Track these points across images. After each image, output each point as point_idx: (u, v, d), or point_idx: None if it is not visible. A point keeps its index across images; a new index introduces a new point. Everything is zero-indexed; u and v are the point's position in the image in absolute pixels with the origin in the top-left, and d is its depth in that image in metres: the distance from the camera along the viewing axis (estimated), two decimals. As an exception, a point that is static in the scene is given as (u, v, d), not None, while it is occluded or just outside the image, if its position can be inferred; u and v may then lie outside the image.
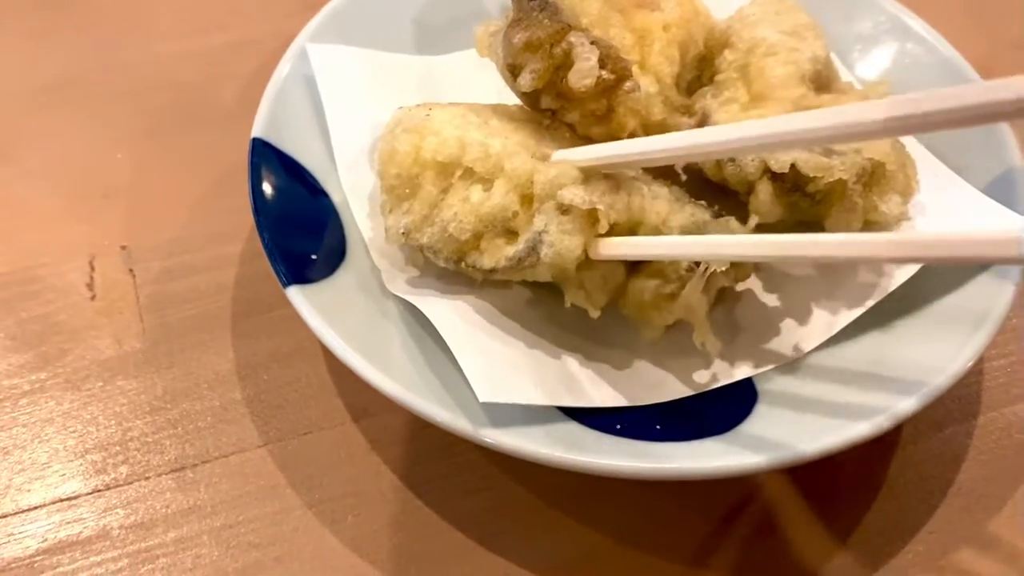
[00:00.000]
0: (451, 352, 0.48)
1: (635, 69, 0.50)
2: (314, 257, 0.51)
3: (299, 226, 0.52)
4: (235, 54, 0.71)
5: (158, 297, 0.58)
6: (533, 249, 0.46)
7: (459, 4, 0.65)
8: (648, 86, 0.51)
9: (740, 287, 0.52)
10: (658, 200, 0.48)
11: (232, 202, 0.60)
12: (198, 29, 0.73)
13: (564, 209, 0.46)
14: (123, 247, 0.60)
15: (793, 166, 0.48)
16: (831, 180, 0.48)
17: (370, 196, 0.55)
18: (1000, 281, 0.49)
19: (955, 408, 0.54)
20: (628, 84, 0.48)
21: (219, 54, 0.71)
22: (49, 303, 0.57)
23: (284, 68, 0.58)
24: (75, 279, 0.58)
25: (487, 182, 0.48)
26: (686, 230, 0.47)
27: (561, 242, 0.45)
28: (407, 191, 0.49)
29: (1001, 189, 0.54)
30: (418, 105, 0.52)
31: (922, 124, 0.33)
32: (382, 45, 0.62)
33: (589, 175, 0.47)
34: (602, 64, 0.48)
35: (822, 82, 0.53)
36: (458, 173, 0.49)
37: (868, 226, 0.51)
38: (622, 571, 0.48)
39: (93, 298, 0.58)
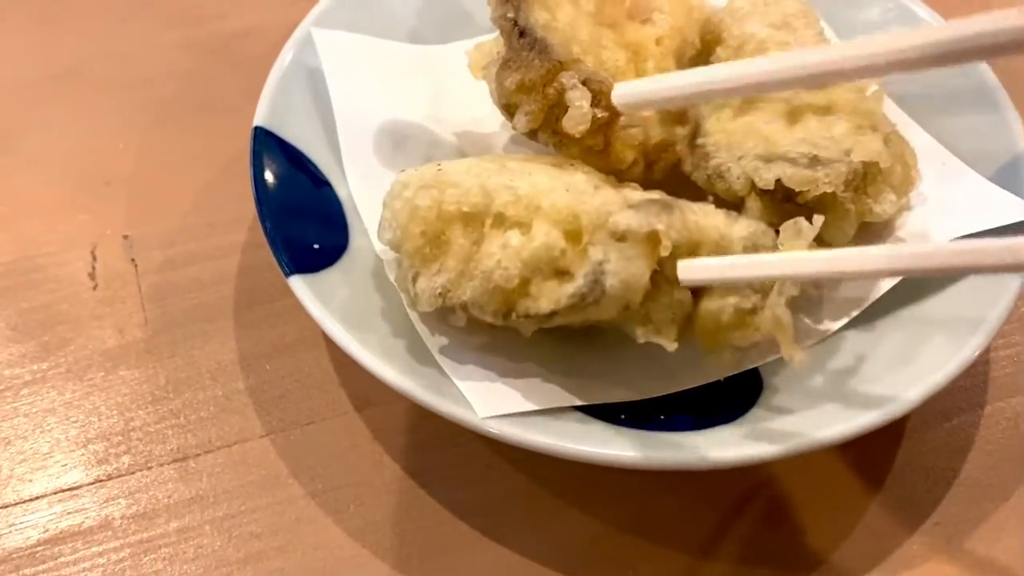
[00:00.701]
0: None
1: None
2: (316, 246, 0.51)
3: (301, 215, 0.52)
4: (238, 43, 0.70)
5: (160, 287, 0.57)
6: (596, 282, 0.42)
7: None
8: None
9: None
10: (710, 215, 0.45)
11: (235, 191, 0.60)
12: (201, 17, 0.73)
13: (620, 236, 0.42)
14: (125, 236, 0.60)
15: (778, 181, 0.47)
16: (818, 193, 0.47)
17: (375, 184, 0.54)
18: (1002, 277, 0.49)
19: (961, 398, 0.54)
20: (622, 120, 0.48)
21: (222, 43, 0.71)
22: (51, 292, 0.57)
23: (287, 56, 0.57)
24: (77, 269, 0.58)
25: (524, 225, 0.44)
26: (747, 243, 0.45)
27: (626, 270, 0.42)
28: (435, 250, 0.45)
29: (1009, 176, 0.53)
30: (426, 165, 0.48)
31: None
32: (387, 32, 0.62)
33: (634, 198, 0.45)
34: (596, 102, 0.48)
35: None
36: (488, 221, 0.45)
37: (865, 226, 0.51)
38: (626, 561, 0.48)
39: (95, 288, 0.57)
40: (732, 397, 0.47)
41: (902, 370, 0.46)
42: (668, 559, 0.48)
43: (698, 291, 0.44)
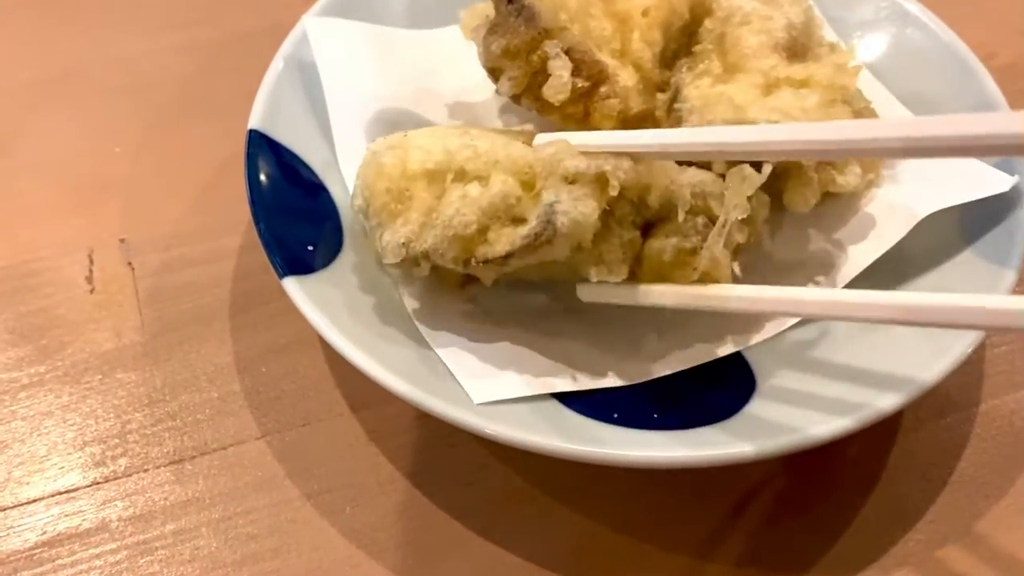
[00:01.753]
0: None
1: (614, 62, 0.51)
2: (311, 248, 0.51)
3: (295, 217, 0.52)
4: (233, 46, 0.70)
5: (157, 290, 0.58)
6: (548, 222, 0.44)
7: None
8: (627, 79, 0.51)
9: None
10: (664, 165, 0.47)
11: (230, 194, 0.60)
12: (195, 21, 0.73)
13: (571, 179, 0.45)
14: (122, 240, 0.60)
15: None
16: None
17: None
18: (999, 268, 0.49)
19: (956, 396, 0.54)
20: (603, 90, 0.50)
21: (217, 46, 0.71)
22: (48, 296, 0.57)
23: (280, 59, 0.57)
24: (74, 272, 0.59)
25: (483, 178, 0.47)
26: (695, 188, 0.47)
27: (576, 209, 0.44)
28: (400, 205, 0.48)
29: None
30: (394, 133, 0.50)
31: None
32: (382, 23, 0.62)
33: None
34: (577, 71, 0.49)
35: (797, 49, 0.53)
36: (450, 176, 0.47)
37: (829, 197, 0.51)
38: (621, 561, 0.48)
39: (92, 291, 0.58)
40: (724, 397, 0.47)
41: (896, 366, 0.46)
42: (664, 559, 0.48)
43: (646, 231, 0.47)
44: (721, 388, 0.48)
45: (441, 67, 0.59)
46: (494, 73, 0.52)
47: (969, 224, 0.52)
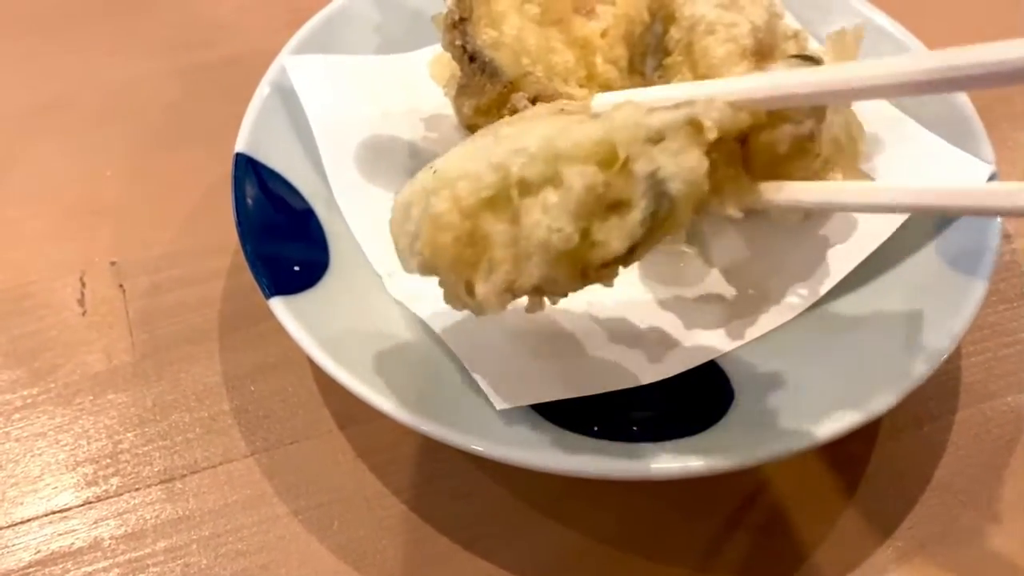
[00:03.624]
0: (432, 359, 0.50)
1: (583, 91, 0.52)
2: (297, 268, 0.52)
3: (282, 238, 0.53)
4: (222, 70, 0.72)
5: (147, 311, 0.59)
6: (660, 195, 0.37)
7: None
8: None
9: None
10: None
11: (219, 216, 0.61)
12: (186, 46, 0.74)
13: (657, 138, 0.38)
14: (113, 263, 0.61)
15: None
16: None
17: (361, 197, 0.56)
18: (970, 278, 0.50)
19: (933, 405, 0.54)
20: None
21: (205, 71, 0.72)
22: (41, 319, 0.58)
23: (266, 85, 0.59)
24: (66, 295, 0.60)
25: (552, 179, 0.39)
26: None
27: (681, 167, 0.37)
28: (475, 250, 0.40)
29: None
30: (418, 174, 0.43)
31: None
32: (365, 48, 0.64)
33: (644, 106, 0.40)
34: None
35: (764, 50, 0.54)
36: (515, 193, 0.39)
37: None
38: (608, 573, 0.49)
39: (84, 314, 0.59)
40: (703, 408, 0.48)
41: (871, 377, 0.47)
42: (648, 570, 0.49)
43: (745, 137, 0.40)
44: (700, 401, 0.49)
45: (420, 86, 0.60)
46: (473, 131, 0.52)
47: (943, 232, 0.53)
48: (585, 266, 0.39)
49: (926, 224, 0.53)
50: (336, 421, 0.54)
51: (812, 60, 0.49)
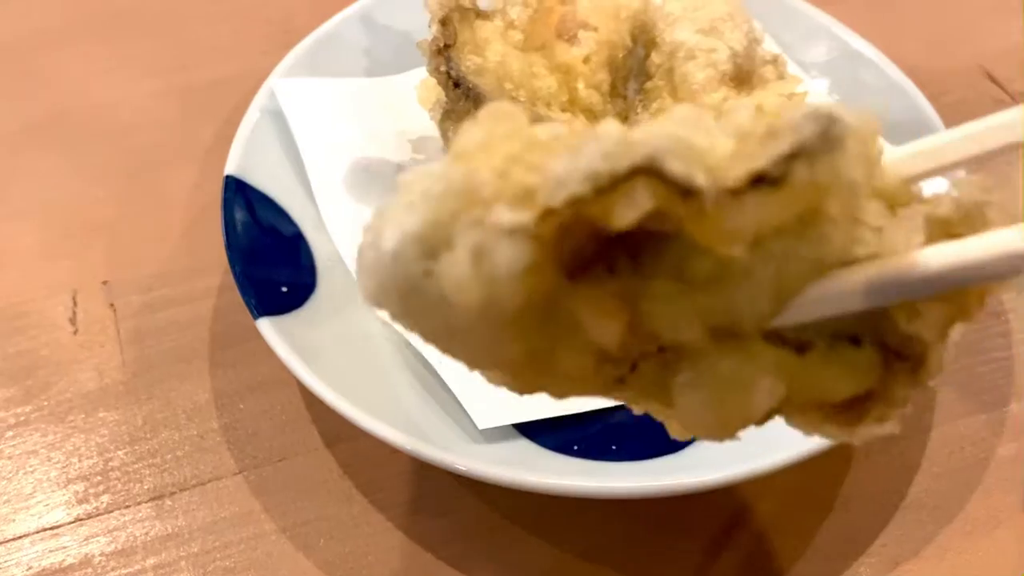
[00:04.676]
0: (417, 379, 0.51)
1: (565, 115, 0.53)
2: (284, 289, 0.53)
3: (270, 260, 0.54)
4: (212, 92, 0.73)
5: (138, 330, 0.60)
6: (829, 119, 0.25)
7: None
8: (579, 128, 0.54)
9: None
10: None
11: (209, 237, 0.62)
12: (175, 68, 0.75)
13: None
14: (104, 282, 0.62)
15: None
16: None
17: (350, 217, 0.58)
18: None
19: (908, 423, 0.55)
20: None
21: (196, 92, 0.73)
22: (34, 338, 0.59)
23: (256, 107, 0.60)
24: (59, 314, 0.60)
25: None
26: None
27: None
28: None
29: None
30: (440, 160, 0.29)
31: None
32: (354, 71, 0.66)
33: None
34: None
35: (743, 76, 0.55)
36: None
37: None
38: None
39: (76, 332, 0.60)
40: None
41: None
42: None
43: None
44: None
45: (407, 108, 0.62)
46: None
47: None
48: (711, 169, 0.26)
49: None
50: (323, 439, 0.55)
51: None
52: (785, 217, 0.26)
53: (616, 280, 0.27)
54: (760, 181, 0.25)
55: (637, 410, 0.32)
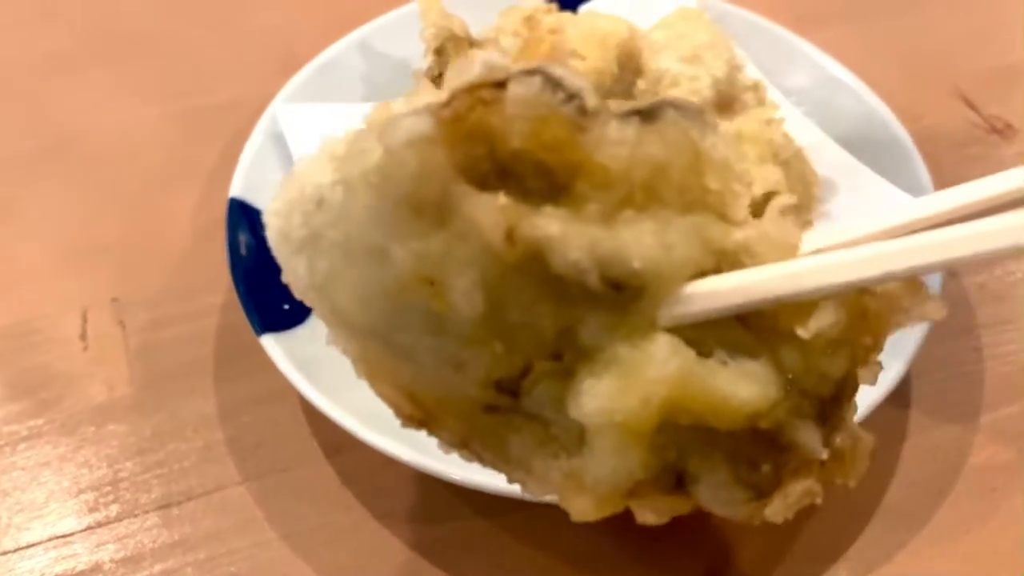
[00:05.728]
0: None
1: None
2: (286, 307, 0.55)
3: (272, 279, 0.56)
4: (216, 116, 0.75)
5: (146, 346, 0.62)
6: None
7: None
8: None
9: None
10: None
11: (214, 256, 0.64)
12: (182, 92, 0.78)
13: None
14: (114, 299, 0.64)
15: None
16: None
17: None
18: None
19: (883, 431, 0.57)
20: None
21: (200, 117, 0.76)
22: (46, 353, 0.62)
23: (258, 132, 0.63)
24: (69, 331, 0.63)
25: None
26: None
27: None
28: None
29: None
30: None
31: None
32: (358, 96, 0.68)
33: None
34: None
35: (724, 102, 0.58)
36: None
37: None
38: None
39: (86, 348, 0.62)
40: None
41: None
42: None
43: None
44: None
45: None
46: None
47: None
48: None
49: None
50: (324, 450, 0.57)
51: None
52: (660, 159, 0.30)
53: (509, 199, 0.30)
54: (635, 114, 0.30)
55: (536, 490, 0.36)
